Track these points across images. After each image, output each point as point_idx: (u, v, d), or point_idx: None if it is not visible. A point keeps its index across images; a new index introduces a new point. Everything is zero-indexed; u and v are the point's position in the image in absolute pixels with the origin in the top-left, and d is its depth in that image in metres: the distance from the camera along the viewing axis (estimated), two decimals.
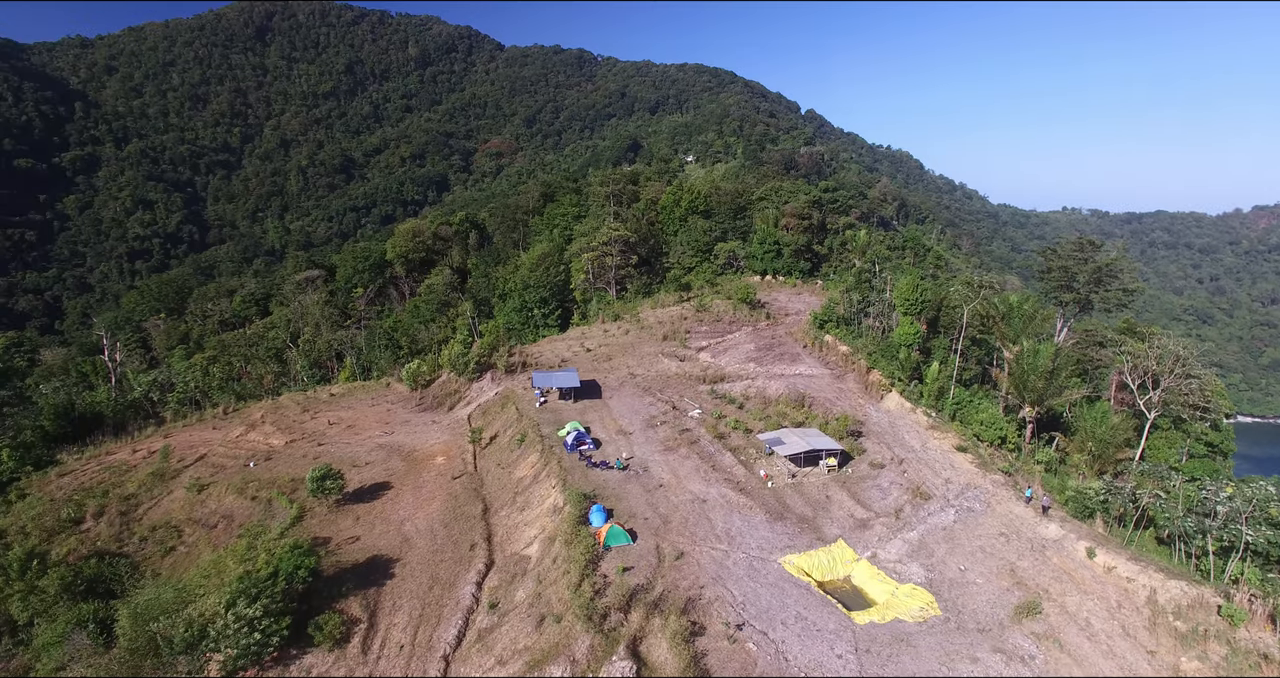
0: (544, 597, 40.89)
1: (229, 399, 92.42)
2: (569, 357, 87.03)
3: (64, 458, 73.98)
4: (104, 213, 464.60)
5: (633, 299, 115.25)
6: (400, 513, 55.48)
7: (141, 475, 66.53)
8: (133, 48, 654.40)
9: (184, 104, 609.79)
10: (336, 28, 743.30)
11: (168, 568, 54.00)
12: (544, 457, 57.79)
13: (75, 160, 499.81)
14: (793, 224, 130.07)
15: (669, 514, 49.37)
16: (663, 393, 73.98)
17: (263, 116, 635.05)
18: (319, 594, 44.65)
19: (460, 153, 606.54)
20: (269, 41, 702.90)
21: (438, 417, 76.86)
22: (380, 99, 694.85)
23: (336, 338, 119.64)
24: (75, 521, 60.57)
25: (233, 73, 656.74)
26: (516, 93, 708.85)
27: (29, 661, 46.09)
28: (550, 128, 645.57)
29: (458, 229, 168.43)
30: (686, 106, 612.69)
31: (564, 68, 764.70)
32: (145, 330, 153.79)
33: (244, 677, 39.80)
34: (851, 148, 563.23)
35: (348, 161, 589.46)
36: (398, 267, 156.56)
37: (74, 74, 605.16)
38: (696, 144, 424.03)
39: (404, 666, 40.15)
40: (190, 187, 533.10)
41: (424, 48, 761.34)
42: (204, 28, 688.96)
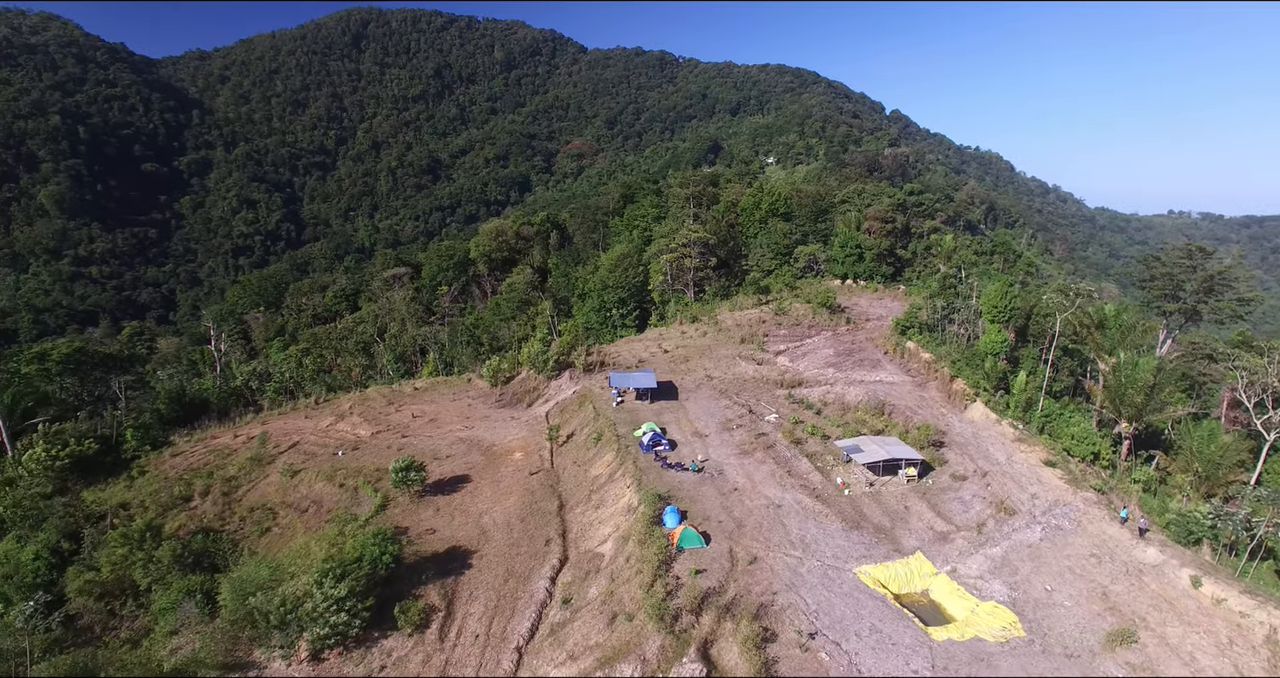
0: (616, 595, 41.46)
1: (320, 390, 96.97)
2: (646, 357, 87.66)
3: (176, 440, 79.38)
4: (213, 212, 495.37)
5: (711, 301, 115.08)
6: (479, 506, 57.10)
7: (241, 459, 70.66)
8: (243, 58, 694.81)
9: (285, 109, 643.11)
10: (427, 33, 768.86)
11: (263, 547, 57.16)
12: (620, 456, 58.48)
13: (191, 163, 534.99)
14: (875, 227, 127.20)
15: (743, 518, 49.26)
16: (739, 396, 73.73)
17: (356, 120, 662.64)
18: (400, 581, 46.53)
19: (542, 154, 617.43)
20: (364, 48, 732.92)
21: (516, 413, 78.65)
22: (466, 102, 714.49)
23: (421, 333, 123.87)
24: (185, 498, 64.94)
25: (330, 78, 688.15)
26: (598, 94, 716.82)
27: (148, 622, 49.97)
28: (631, 129, 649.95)
29: (539, 229, 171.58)
30: (768, 108, 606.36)
31: (645, 69, 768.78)
32: (246, 323, 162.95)
33: (330, 655, 42.06)
34: (938, 149, 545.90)
35: (434, 163, 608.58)
36: (480, 265, 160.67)
37: (193, 84, 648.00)
38: (777, 145, 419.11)
39: (479, 655, 41.31)
40: (289, 187, 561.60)
41: (509, 51, 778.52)
42: (305, 37, 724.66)
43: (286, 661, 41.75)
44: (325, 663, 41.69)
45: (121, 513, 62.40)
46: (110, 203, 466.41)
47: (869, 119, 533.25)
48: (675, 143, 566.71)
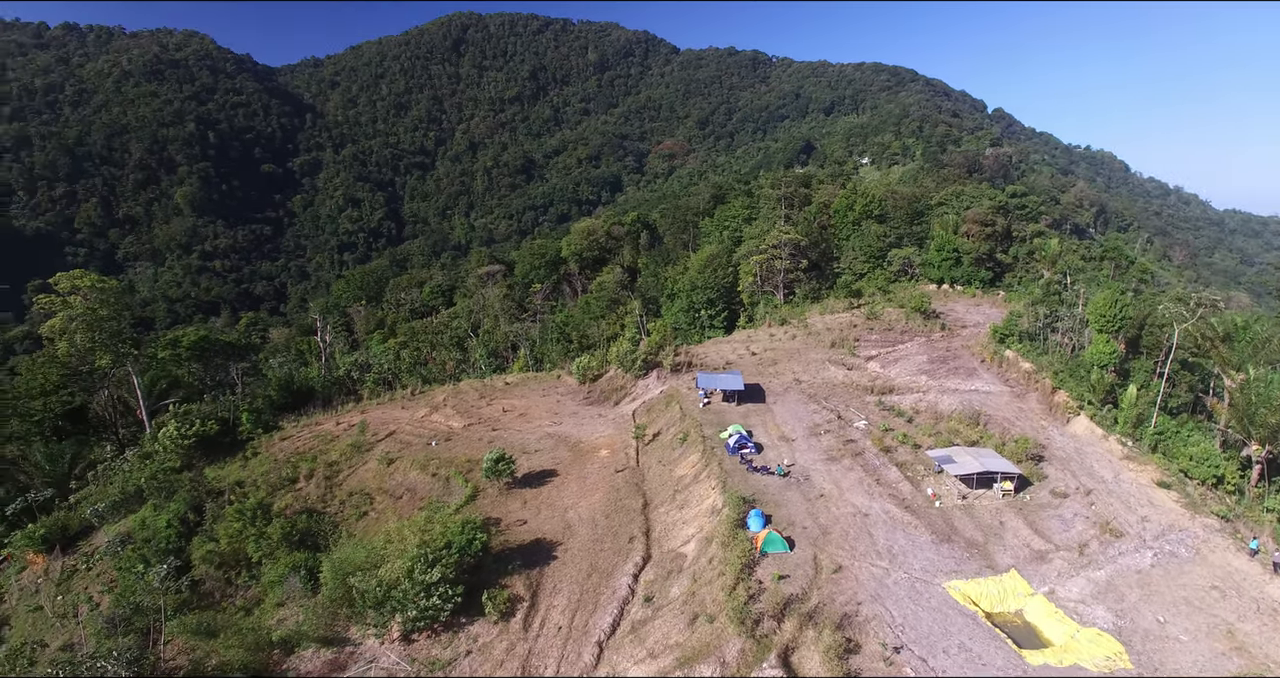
0: (698, 596, 41.64)
1: (416, 382, 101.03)
2: (734, 359, 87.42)
3: (285, 425, 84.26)
4: (321, 210, 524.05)
5: (801, 304, 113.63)
6: (565, 501, 58.36)
7: (343, 446, 74.24)
8: (352, 64, 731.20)
9: (389, 112, 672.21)
10: (523, 37, 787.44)
11: (360, 530, 59.98)
12: (705, 457, 58.65)
13: (303, 164, 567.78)
14: (974, 231, 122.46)
15: (829, 525, 48.58)
16: (828, 401, 72.61)
17: (455, 121, 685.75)
18: (487, 569, 48.01)
19: (634, 154, 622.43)
20: (463, 52, 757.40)
21: (604, 411, 79.86)
22: (560, 103, 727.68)
23: (513, 330, 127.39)
24: (292, 480, 69.07)
25: (431, 82, 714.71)
26: (690, 95, 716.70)
27: (259, 593, 53.70)
28: (723, 129, 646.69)
29: (629, 229, 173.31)
30: (863, 107, 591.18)
31: (738, 69, 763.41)
32: (349, 315, 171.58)
33: (420, 636, 43.96)
34: (1044, 149, 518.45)
35: (528, 163, 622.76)
36: (572, 264, 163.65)
37: (307, 90, 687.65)
38: (872, 146, 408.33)
39: (560, 646, 42.18)
40: (391, 186, 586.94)
41: (603, 53, 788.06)
42: (409, 43, 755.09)
43: (379, 639, 43.91)
44: (415, 644, 43.61)
45: (237, 491, 67.05)
46: (232, 202, 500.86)
47: (969, 118, 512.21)
48: (767, 143, 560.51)
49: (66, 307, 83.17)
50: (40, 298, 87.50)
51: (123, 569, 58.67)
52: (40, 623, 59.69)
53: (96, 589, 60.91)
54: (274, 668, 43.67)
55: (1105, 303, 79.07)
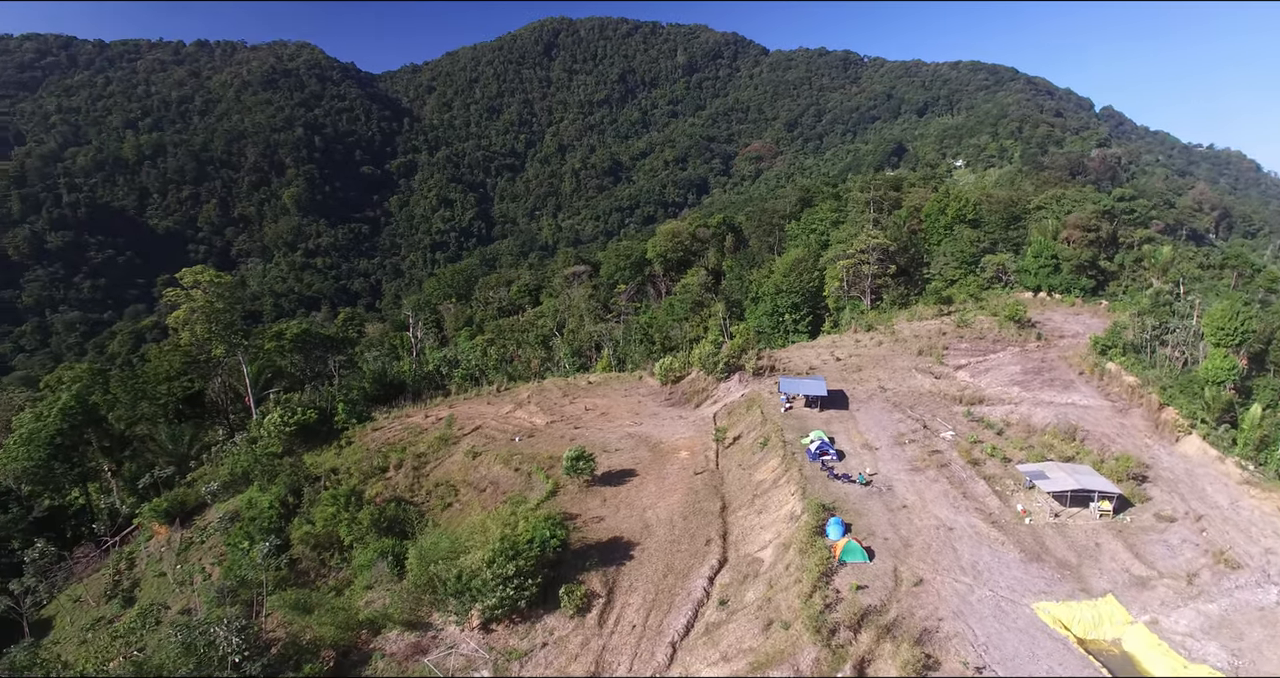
0: (774, 602, 41.40)
1: (502, 379, 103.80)
2: (817, 364, 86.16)
3: (377, 416, 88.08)
4: (416, 210, 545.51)
5: (888, 310, 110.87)
6: (643, 500, 58.88)
7: (431, 438, 77.00)
8: (448, 69, 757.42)
9: (482, 115, 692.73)
10: (613, 40, 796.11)
11: (445, 520, 61.95)
12: (785, 463, 58.14)
13: (399, 166, 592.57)
14: (1075, 236, 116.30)
15: (910, 537, 47.39)
16: (914, 410, 70.65)
17: (544, 124, 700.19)
18: (565, 564, 48.81)
19: (721, 156, 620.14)
20: (554, 56, 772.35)
21: (685, 412, 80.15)
22: (648, 105, 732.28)
23: (597, 330, 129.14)
24: (382, 469, 72.33)
25: (522, 85, 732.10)
26: (779, 96, 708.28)
27: (349, 575, 56.56)
28: (811, 131, 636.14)
29: (715, 231, 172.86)
30: (958, 107, 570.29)
31: (828, 70, 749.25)
32: (440, 312, 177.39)
33: (498, 626, 45.21)
34: (1158, 148, 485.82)
35: (616, 165, 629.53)
36: (656, 265, 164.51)
37: (405, 94, 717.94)
38: (967, 148, 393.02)
39: (634, 644, 42.58)
40: (482, 187, 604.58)
41: (691, 55, 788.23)
42: (502, 48, 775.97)
43: (460, 626, 45.42)
44: (494, 633, 44.90)
45: (332, 477, 70.75)
46: (334, 202, 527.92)
47: (1074, 117, 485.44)
48: (857, 145, 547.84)
49: (189, 300, 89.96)
50: (167, 291, 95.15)
51: (231, 545, 63.09)
52: (163, 587, 65.21)
53: (209, 561, 65.79)
54: (362, 646, 45.89)
55: (1224, 314, 73.77)
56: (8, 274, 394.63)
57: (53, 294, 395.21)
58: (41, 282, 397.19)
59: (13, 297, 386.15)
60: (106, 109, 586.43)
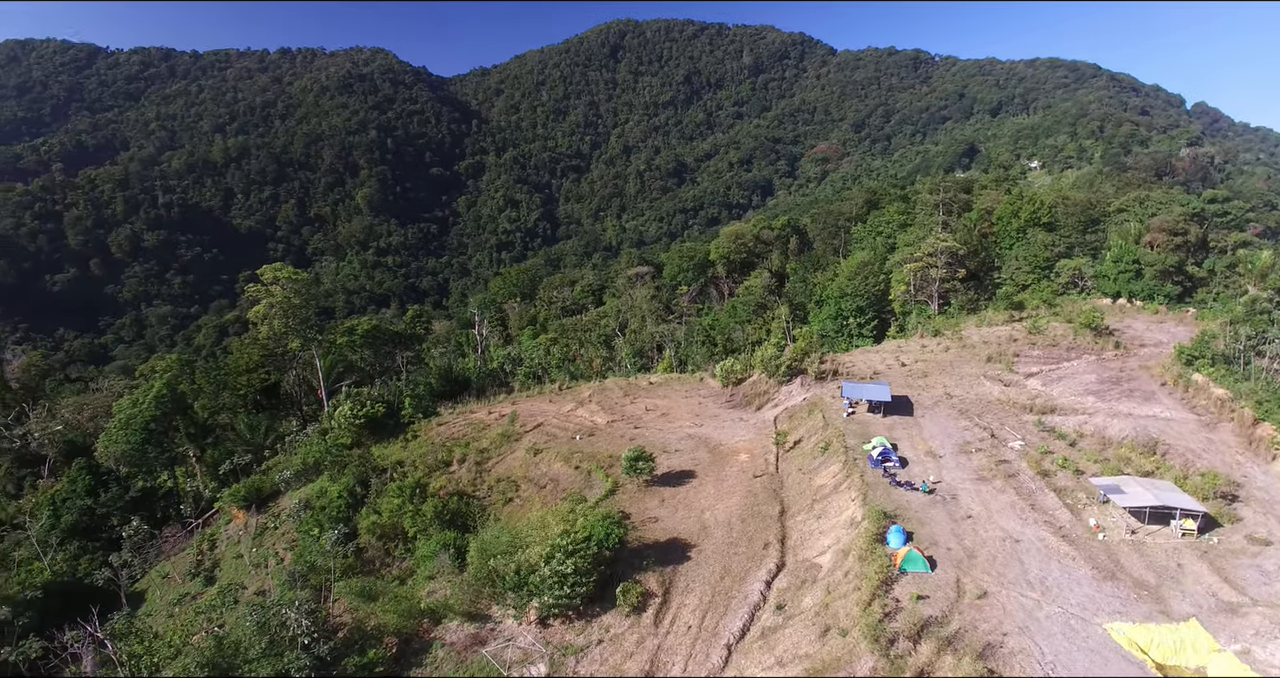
0: (831, 608, 40.86)
1: (564, 377, 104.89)
2: (881, 369, 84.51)
3: (442, 411, 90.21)
4: (483, 210, 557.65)
5: (956, 315, 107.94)
6: (701, 502, 58.79)
7: (493, 434, 78.25)
8: (516, 72, 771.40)
9: (548, 117, 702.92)
10: (679, 42, 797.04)
11: (506, 515, 63.00)
12: (846, 468, 57.28)
13: (467, 168, 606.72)
14: (1160, 240, 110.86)
15: (974, 548, 46.03)
16: (981, 418, 68.59)
17: (610, 126, 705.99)
18: (622, 563, 49.12)
19: (786, 158, 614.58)
20: (620, 58, 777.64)
21: (745, 415, 79.67)
22: (714, 107, 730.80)
23: (659, 330, 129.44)
24: (446, 463, 74.00)
25: (588, 88, 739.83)
26: (846, 97, 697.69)
27: (412, 565, 58.21)
28: (879, 132, 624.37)
29: (779, 233, 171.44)
30: (1034, 106, 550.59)
31: (897, 70, 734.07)
32: (504, 311, 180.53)
33: (555, 621, 45.83)
34: (1259, 145, 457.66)
35: (680, 166, 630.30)
36: (719, 267, 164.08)
37: (474, 97, 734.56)
38: (1043, 148, 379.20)
39: (689, 645, 42.61)
40: (547, 188, 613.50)
41: (757, 56, 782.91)
42: (569, 50, 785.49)
43: (518, 620, 46.25)
44: (551, 628, 45.62)
45: (398, 469, 72.78)
46: (404, 202, 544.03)
47: (1161, 115, 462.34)
48: (926, 146, 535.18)
49: (268, 295, 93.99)
50: (249, 287, 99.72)
51: (302, 531, 65.74)
52: (241, 568, 68.54)
53: (282, 546, 68.72)
54: (423, 635, 47.22)
55: None
56: (111, 271, 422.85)
57: (148, 289, 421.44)
58: (139, 277, 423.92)
59: (114, 291, 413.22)
60: (198, 115, 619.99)
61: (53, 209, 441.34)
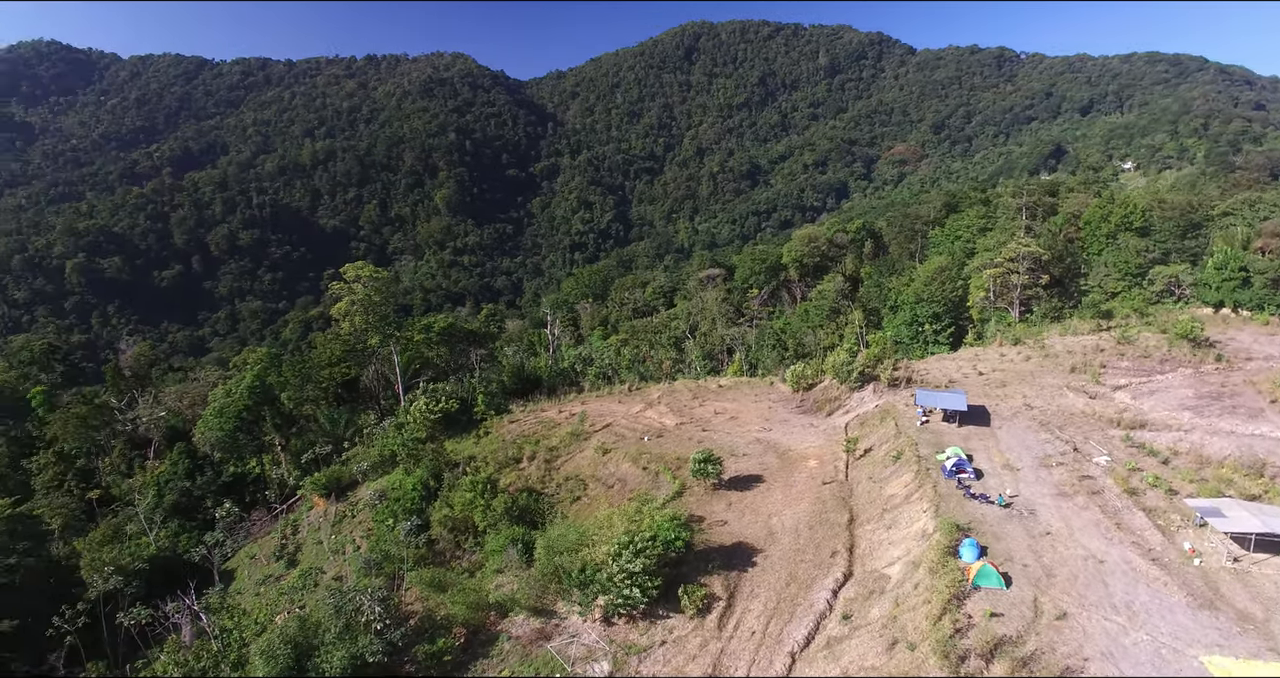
0: (899, 621, 39.90)
1: (633, 378, 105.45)
2: (958, 377, 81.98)
3: (513, 409, 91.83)
4: (557, 212, 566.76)
5: (1038, 323, 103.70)
6: (768, 507, 58.22)
7: (563, 433, 79.06)
8: (591, 75, 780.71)
9: (623, 119, 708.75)
10: (754, 43, 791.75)
11: (573, 513, 63.63)
12: (918, 478, 55.80)
13: (542, 169, 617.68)
14: (1273, 246, 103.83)
15: (1053, 567, 44.10)
16: (1063, 431, 65.72)
17: (683, 128, 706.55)
18: (688, 565, 48.95)
19: (862, 160, 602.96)
20: (694, 60, 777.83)
21: (815, 421, 78.53)
22: (788, 108, 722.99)
23: (729, 333, 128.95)
24: (516, 460, 75.33)
25: (663, 90, 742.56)
26: (925, 97, 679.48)
27: (481, 559, 59.58)
28: (960, 133, 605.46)
29: (854, 237, 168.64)
30: (1128, 104, 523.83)
31: (980, 69, 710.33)
32: (576, 311, 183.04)
33: (619, 620, 46.11)
34: None
35: (754, 168, 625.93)
36: (792, 270, 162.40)
37: (550, 100, 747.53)
38: (1138, 148, 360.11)
39: (753, 651, 42.18)
40: (621, 190, 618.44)
41: (834, 56, 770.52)
42: (644, 53, 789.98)
43: (583, 617, 46.67)
44: (615, 627, 45.89)
45: (470, 464, 74.53)
46: (481, 203, 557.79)
47: None
48: (1009, 148, 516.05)
49: (350, 293, 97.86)
50: (332, 285, 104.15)
51: (378, 521, 68.27)
52: (320, 554, 71.76)
53: (358, 534, 71.46)
54: (490, 627, 48.29)
55: None
56: (209, 267, 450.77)
57: (241, 285, 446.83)
58: (233, 274, 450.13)
59: (212, 287, 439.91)
60: (290, 120, 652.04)
61: (162, 210, 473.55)
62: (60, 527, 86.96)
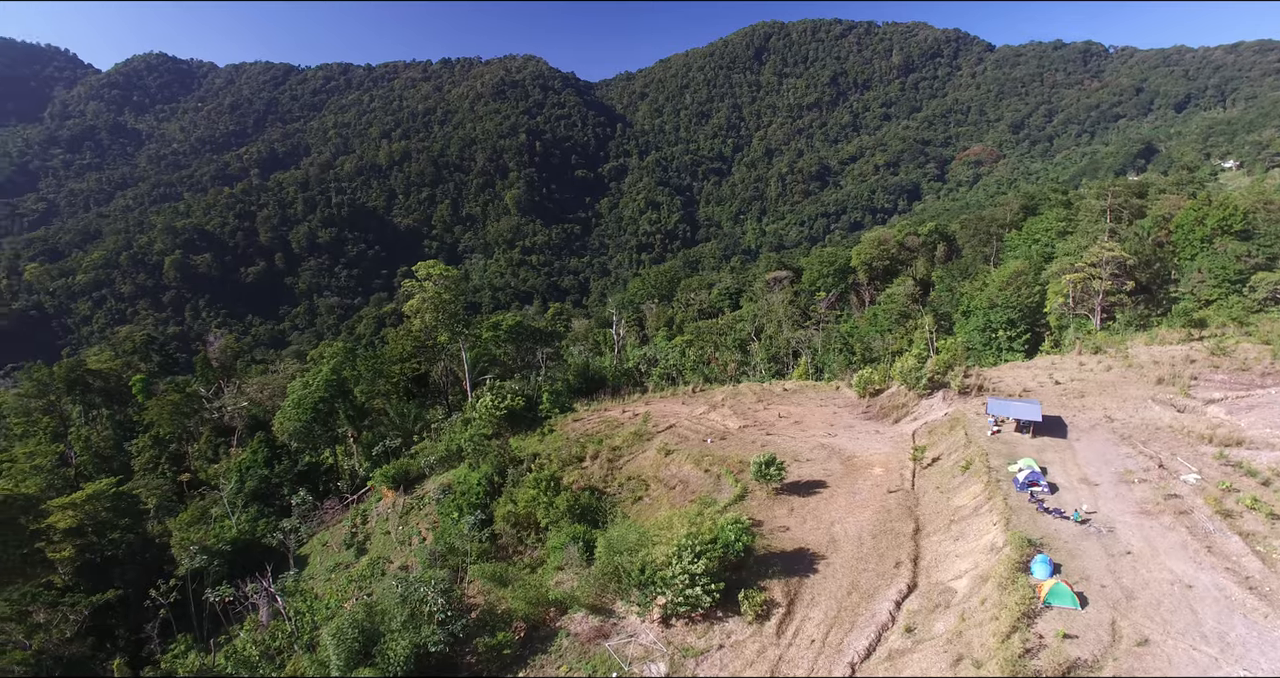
0: (965, 637, 38.62)
1: (698, 380, 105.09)
2: (1032, 386, 78.82)
3: (578, 407, 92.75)
4: (624, 212, 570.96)
5: (1121, 331, 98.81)
6: (831, 514, 57.22)
7: (626, 433, 79.20)
8: (660, 76, 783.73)
9: (691, 120, 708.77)
10: (825, 42, 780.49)
11: (634, 513, 63.77)
12: (988, 489, 53.93)
13: (610, 170, 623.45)
14: None
15: (1134, 589, 41.83)
16: (1147, 446, 62.41)
17: (752, 128, 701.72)
18: (747, 569, 48.58)
19: (935, 161, 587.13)
20: (764, 60, 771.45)
21: (881, 427, 76.83)
22: (860, 108, 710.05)
23: (795, 336, 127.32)
24: (579, 458, 75.92)
25: (732, 90, 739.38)
26: (1004, 96, 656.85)
27: (543, 555, 60.42)
28: (1040, 133, 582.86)
29: (925, 239, 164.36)
30: (1232, 98, 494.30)
31: (1063, 64, 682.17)
32: (642, 312, 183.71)
33: (677, 622, 45.96)
34: None
35: (823, 169, 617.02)
36: (861, 273, 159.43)
37: (618, 102, 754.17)
38: (1241, 145, 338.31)
39: (812, 659, 41.53)
40: (688, 191, 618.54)
41: (908, 55, 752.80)
42: (713, 54, 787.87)
43: (641, 618, 46.77)
44: (673, 628, 45.79)
45: (534, 461, 75.62)
46: (549, 203, 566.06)
47: None
48: (1094, 147, 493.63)
49: (422, 290, 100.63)
50: (405, 282, 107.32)
51: (443, 514, 70.06)
52: (388, 544, 74.21)
53: (424, 526, 73.47)
54: (549, 623, 48.88)
55: None
56: (290, 264, 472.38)
57: (319, 281, 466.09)
58: (312, 271, 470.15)
59: (292, 283, 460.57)
60: (368, 123, 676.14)
61: (249, 209, 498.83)
62: (154, 506, 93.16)
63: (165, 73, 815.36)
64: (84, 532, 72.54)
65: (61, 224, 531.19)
